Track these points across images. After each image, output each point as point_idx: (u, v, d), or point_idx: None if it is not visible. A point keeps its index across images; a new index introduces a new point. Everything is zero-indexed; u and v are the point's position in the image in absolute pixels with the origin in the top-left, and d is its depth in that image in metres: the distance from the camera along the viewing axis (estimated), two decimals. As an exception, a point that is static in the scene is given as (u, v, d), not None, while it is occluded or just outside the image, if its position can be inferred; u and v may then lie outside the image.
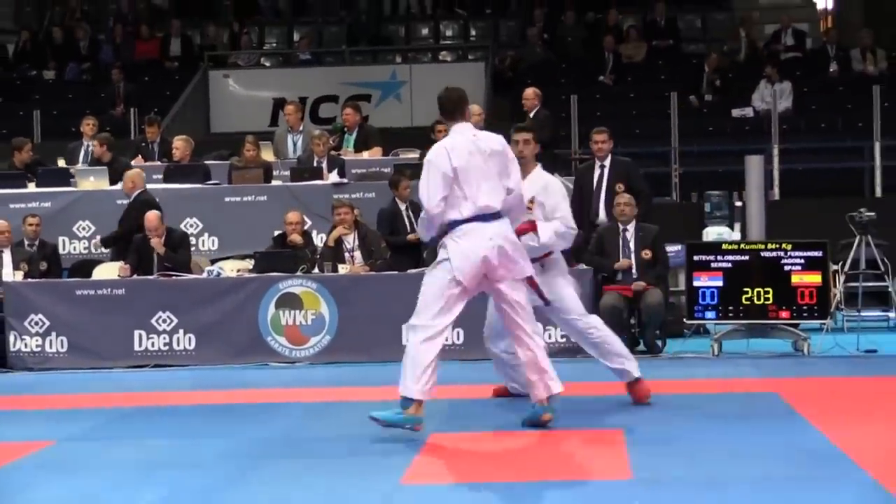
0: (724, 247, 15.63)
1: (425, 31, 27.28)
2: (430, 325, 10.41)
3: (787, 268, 14.94)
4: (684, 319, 15.68)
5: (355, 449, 10.10)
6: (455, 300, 10.42)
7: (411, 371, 10.41)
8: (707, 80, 24.17)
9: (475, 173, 10.19)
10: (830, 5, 27.59)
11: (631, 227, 15.37)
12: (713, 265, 15.17)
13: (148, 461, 9.75)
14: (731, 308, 15.03)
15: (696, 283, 15.17)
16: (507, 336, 11.28)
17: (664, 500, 8.12)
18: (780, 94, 23.05)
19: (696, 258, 15.27)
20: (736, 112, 23.71)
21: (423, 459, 9.64)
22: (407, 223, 16.44)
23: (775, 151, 21.06)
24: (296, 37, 27.22)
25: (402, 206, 16.52)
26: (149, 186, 17.64)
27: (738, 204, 18.39)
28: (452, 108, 10.62)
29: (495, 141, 10.52)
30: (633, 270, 15.20)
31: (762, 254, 15.12)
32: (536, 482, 8.66)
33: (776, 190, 20.98)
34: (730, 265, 15.13)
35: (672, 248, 15.87)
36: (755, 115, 23.27)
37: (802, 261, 14.94)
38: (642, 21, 26.04)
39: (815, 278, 14.89)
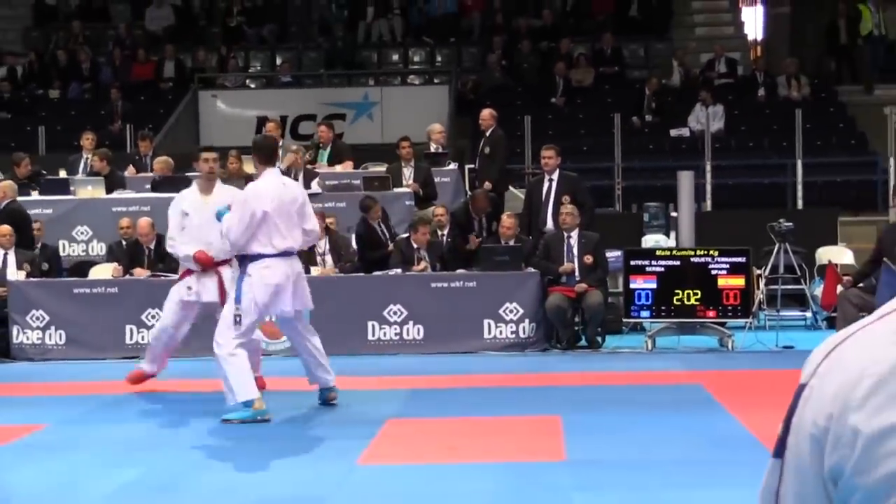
0: (658, 253, 15.77)
1: (396, 57, 27.26)
2: (235, 342, 10.68)
3: (713, 272, 15.04)
4: (622, 318, 15.76)
5: (319, 433, 10.18)
6: (253, 323, 10.96)
7: (243, 378, 10.61)
8: (647, 103, 24.24)
9: (281, 217, 10.63)
10: (760, 36, 27.65)
11: (574, 235, 15.42)
12: (648, 269, 15.25)
13: (129, 443, 9.82)
14: (663, 308, 15.11)
15: (632, 286, 15.25)
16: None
17: (593, 479, 8.18)
18: (714, 116, 23.11)
19: (632, 263, 15.36)
20: (674, 132, 23.79)
21: (379, 442, 9.68)
22: (383, 238, 16.45)
23: (708, 167, 21.09)
24: (278, 61, 27.13)
25: (375, 224, 16.52)
26: (140, 195, 17.66)
27: (674, 214, 18.44)
28: (269, 153, 11.25)
29: (297, 189, 11.51)
30: (576, 274, 15.23)
31: (692, 259, 15.23)
32: (480, 463, 8.72)
33: (709, 202, 21.03)
34: (663, 269, 15.21)
35: (612, 254, 15.90)
36: (691, 134, 23.33)
37: (728, 266, 15.04)
38: (591, 49, 26.05)
39: (738, 281, 14.99)
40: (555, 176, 16.55)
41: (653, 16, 27.12)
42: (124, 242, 16.37)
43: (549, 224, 16.21)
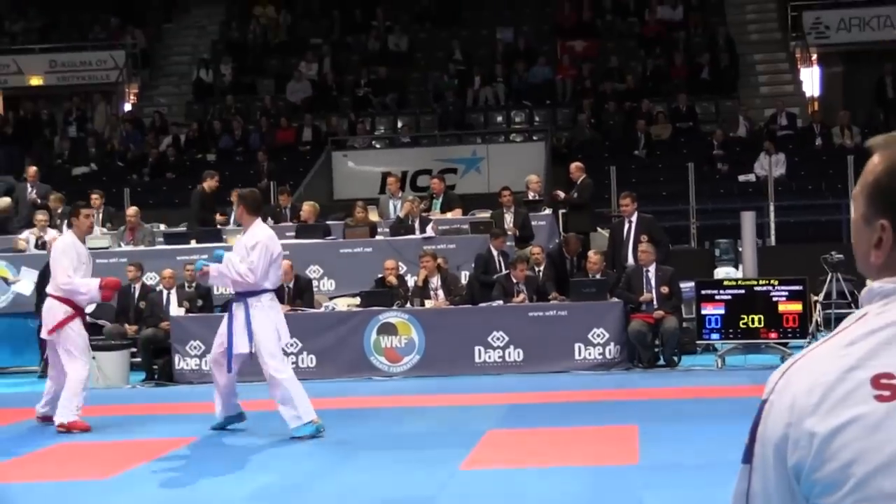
0: (726, 283, 15.62)
1: (499, 119, 27.31)
2: (289, 367, 11.25)
3: (774, 298, 14.88)
4: (695, 340, 15.63)
5: (427, 443, 10.18)
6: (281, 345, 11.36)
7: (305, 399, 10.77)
8: (717, 153, 24.10)
9: (278, 259, 11.09)
10: (817, 93, 27.34)
11: (652, 269, 15.34)
12: (717, 297, 15.13)
13: (266, 452, 9.89)
14: (731, 330, 14.97)
15: (704, 312, 15.14)
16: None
17: (662, 479, 8.12)
18: (776, 163, 22.86)
19: (703, 292, 15.25)
20: (742, 177, 23.55)
21: (479, 450, 9.69)
22: (497, 266, 16.47)
23: (772, 208, 20.90)
24: (399, 124, 27.35)
25: (496, 254, 16.56)
26: (281, 242, 17.82)
27: (741, 249, 18.27)
28: (256, 206, 11.24)
29: None
30: (654, 302, 15.15)
31: (755, 288, 15.08)
32: (565, 467, 8.70)
33: (773, 237, 20.84)
34: (730, 297, 15.08)
35: (685, 285, 15.79)
36: (756, 179, 23.09)
37: (787, 293, 14.87)
38: (668, 108, 25.92)
39: (797, 306, 14.82)
40: (633, 218, 16.54)
41: (722, 78, 26.93)
42: (267, 282, 16.52)
43: (630, 260, 16.18)
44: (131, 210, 19.43)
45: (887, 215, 2.07)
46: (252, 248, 10.77)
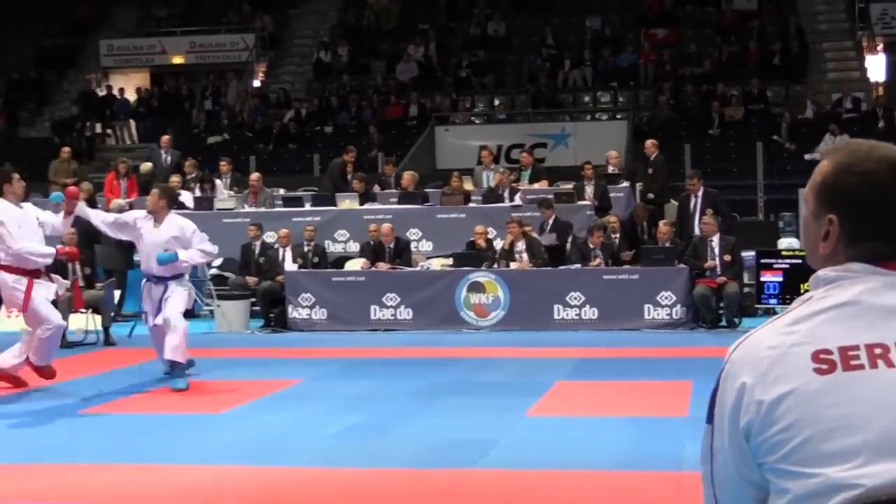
0: (784, 252, 15.42)
1: (587, 99, 27.08)
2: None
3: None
4: (755, 304, 15.45)
5: (502, 391, 10.22)
6: None
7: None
8: (785, 134, 23.69)
9: None
10: (882, 78, 26.70)
11: (716, 239, 15.18)
12: (775, 266, 14.97)
13: (358, 395, 10.00)
14: (788, 296, 14.73)
15: (763, 279, 14.98)
16: None
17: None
18: (840, 143, 22.44)
19: (763, 261, 15.08)
20: (807, 156, 23.06)
21: (547, 399, 9.71)
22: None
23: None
24: (496, 102, 27.29)
25: (550, 223, 16.57)
26: (384, 207, 18.03)
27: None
28: (174, 199, 11.28)
29: None
30: (717, 269, 15.00)
31: (810, 257, 14.84)
32: (619, 417, 8.69)
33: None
34: (788, 266, 14.90)
35: (747, 254, 15.60)
36: (821, 158, 22.65)
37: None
38: (741, 91, 25.50)
39: (848, 275, 14.57)
40: (699, 193, 16.40)
41: (792, 64, 26.40)
42: (371, 242, 16.68)
43: (696, 230, 16.03)
44: (254, 175, 19.67)
45: (835, 210, 2.12)
46: (194, 232, 10.94)
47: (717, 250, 15.13)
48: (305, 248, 16.76)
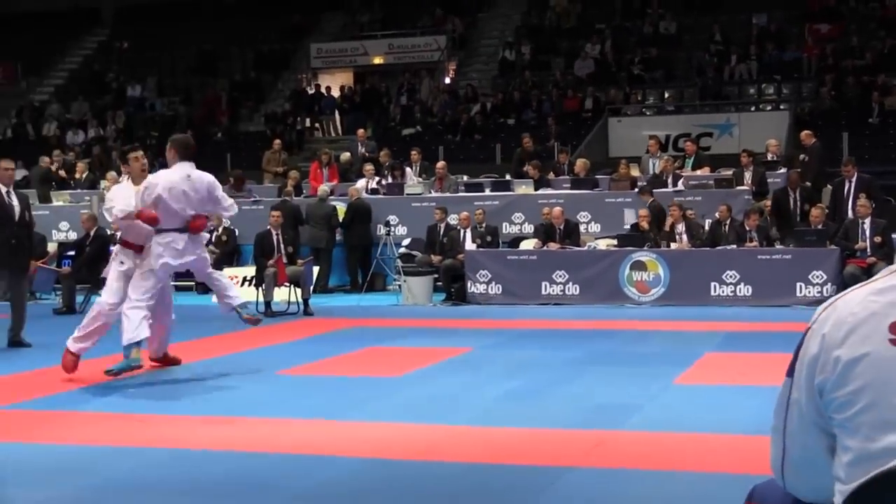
0: (935, 234, 14.76)
1: (751, 91, 26.40)
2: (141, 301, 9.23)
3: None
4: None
5: (654, 361, 10.11)
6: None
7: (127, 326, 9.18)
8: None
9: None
10: None
11: (867, 221, 14.65)
12: (926, 247, 14.33)
13: (521, 363, 10.06)
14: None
15: (913, 259, 14.36)
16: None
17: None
18: None
19: (913, 242, 14.48)
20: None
21: (695, 369, 9.58)
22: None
23: None
24: (666, 95, 26.88)
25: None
26: (556, 192, 18.00)
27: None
28: (186, 147, 9.46)
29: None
30: (868, 250, 14.49)
31: (960, 240, 14.17)
32: (756, 386, 8.50)
33: None
34: (938, 247, 14.26)
35: (897, 236, 15.03)
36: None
37: None
38: (902, 81, 24.53)
39: None
40: (853, 179, 15.84)
41: (954, 54, 25.20)
42: (543, 224, 16.69)
43: (850, 214, 15.49)
44: (440, 164, 19.94)
45: None
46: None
47: (868, 232, 14.60)
48: (480, 229, 16.91)
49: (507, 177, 19.80)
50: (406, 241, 17.80)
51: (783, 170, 18.14)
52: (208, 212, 9.80)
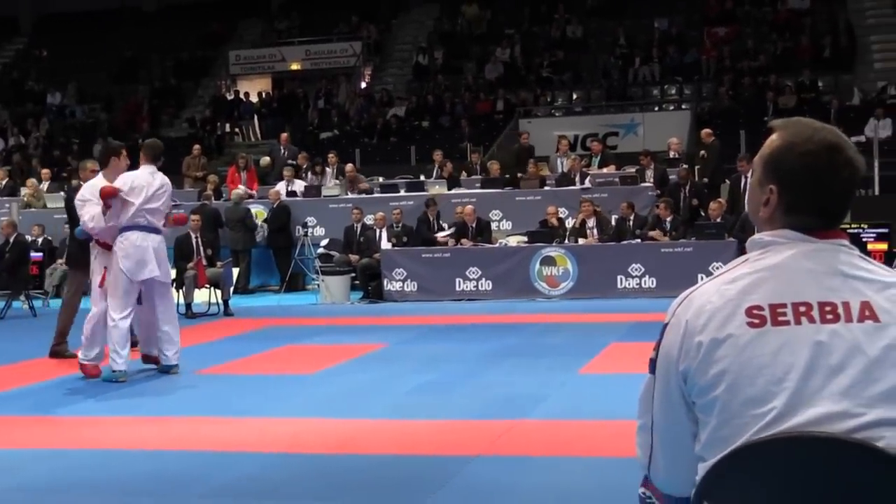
0: (825, 226, 15.10)
1: (655, 92, 26.73)
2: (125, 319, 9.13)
3: (864, 239, 14.52)
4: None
5: (561, 351, 10.19)
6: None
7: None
8: (833, 119, 23.10)
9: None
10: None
11: (762, 215, 14.93)
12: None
13: (433, 357, 10.06)
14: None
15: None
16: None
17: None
18: (883, 126, 21.86)
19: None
20: (853, 138, 22.45)
21: (600, 359, 9.68)
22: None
23: (876, 164, 19.93)
24: (573, 97, 27.10)
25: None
26: (469, 191, 18.03)
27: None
28: (158, 153, 9.43)
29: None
30: (764, 243, 14.76)
31: (848, 230, 14.34)
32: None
33: (877, 188, 19.92)
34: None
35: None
36: (866, 140, 22.06)
37: (875, 235, 14.45)
38: (794, 82, 24.97)
39: (883, 246, 14.27)
40: (749, 174, 16.08)
41: (841, 56, 25.76)
42: (456, 223, 16.69)
43: (746, 208, 15.75)
44: (349, 167, 19.89)
45: (776, 182, 2.18)
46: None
47: (763, 225, 14.86)
48: (395, 228, 16.91)
49: (422, 177, 19.79)
50: (324, 242, 17.71)
51: (684, 166, 18.42)
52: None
